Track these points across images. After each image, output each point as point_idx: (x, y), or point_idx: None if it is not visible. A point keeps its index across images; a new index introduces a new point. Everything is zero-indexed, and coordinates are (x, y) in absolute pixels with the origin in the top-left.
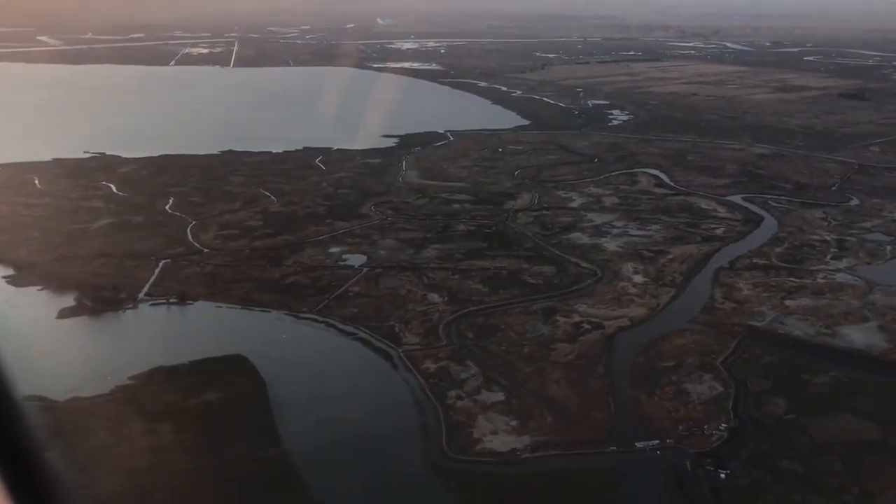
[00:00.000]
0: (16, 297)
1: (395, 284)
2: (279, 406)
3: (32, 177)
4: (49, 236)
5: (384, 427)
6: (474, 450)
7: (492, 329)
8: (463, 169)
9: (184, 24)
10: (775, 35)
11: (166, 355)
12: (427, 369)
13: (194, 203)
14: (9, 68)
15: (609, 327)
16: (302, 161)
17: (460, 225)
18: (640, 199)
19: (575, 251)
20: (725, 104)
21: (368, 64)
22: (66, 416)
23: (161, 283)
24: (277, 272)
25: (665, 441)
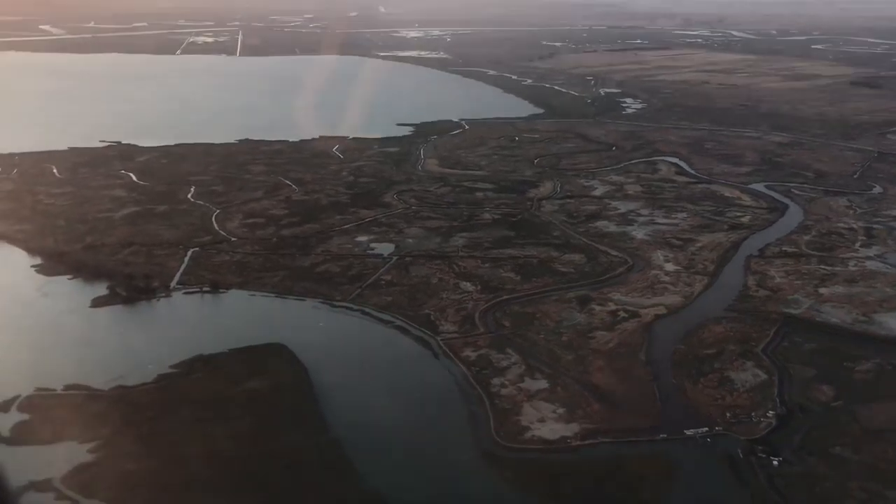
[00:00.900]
0: (46, 285)
1: (426, 273)
2: (324, 394)
3: (50, 166)
4: (74, 225)
5: (431, 415)
6: (524, 437)
7: (528, 317)
8: (482, 157)
9: (186, 13)
10: (781, 23)
11: (205, 343)
12: (468, 357)
13: (216, 192)
14: (16, 57)
15: (646, 315)
16: (319, 150)
17: (485, 213)
18: (662, 187)
19: (603, 239)
20: (738, 92)
21: (375, 52)
22: (114, 405)
23: (192, 271)
24: (307, 261)
25: (714, 428)
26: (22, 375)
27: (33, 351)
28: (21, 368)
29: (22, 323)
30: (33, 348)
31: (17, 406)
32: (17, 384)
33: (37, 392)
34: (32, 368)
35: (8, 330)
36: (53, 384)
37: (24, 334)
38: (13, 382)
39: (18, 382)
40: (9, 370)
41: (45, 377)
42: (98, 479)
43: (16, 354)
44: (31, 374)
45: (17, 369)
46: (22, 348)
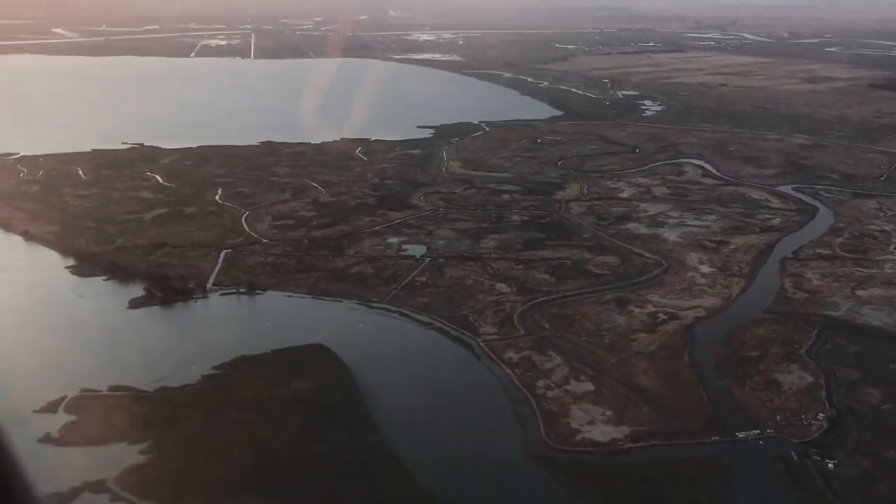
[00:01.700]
0: (82, 286)
1: (461, 274)
2: (369, 395)
3: (75, 167)
4: (104, 226)
5: (478, 416)
6: (574, 440)
7: (567, 319)
8: (505, 159)
9: (196, 16)
10: (792, 26)
11: (246, 344)
12: (510, 359)
13: (244, 194)
14: (33, 60)
15: (685, 317)
16: (342, 152)
17: (514, 215)
18: (690, 189)
19: (635, 241)
20: (756, 95)
21: (389, 55)
22: (159, 405)
23: (226, 272)
24: (341, 262)
25: (765, 431)
26: (66, 376)
27: (75, 352)
28: (65, 369)
29: (61, 324)
30: (75, 349)
31: (63, 407)
32: (63, 385)
33: (82, 393)
34: (76, 369)
35: (48, 331)
36: (98, 385)
37: (64, 335)
38: (58, 383)
39: (63, 383)
40: (53, 371)
41: (90, 378)
42: (150, 480)
43: (58, 355)
44: (75, 375)
45: (61, 370)
46: (64, 349)
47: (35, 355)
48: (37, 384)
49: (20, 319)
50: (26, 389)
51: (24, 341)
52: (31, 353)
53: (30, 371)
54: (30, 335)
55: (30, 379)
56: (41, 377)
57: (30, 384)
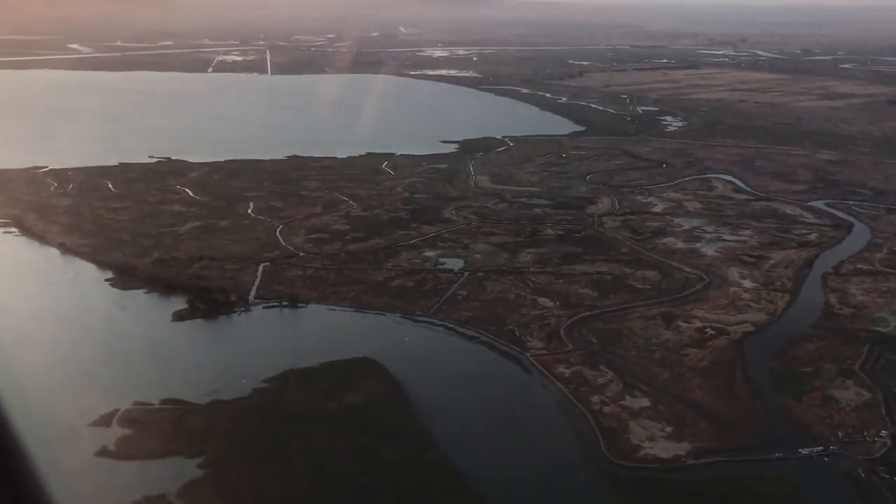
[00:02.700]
0: (123, 299)
1: (502, 288)
2: (423, 410)
3: (105, 181)
4: (139, 239)
5: (536, 432)
6: (636, 456)
7: (615, 334)
8: (533, 174)
9: (210, 32)
10: (803, 43)
11: (294, 358)
12: (562, 374)
13: (275, 207)
14: (52, 75)
15: (734, 333)
16: (369, 166)
17: (548, 229)
18: (722, 204)
19: (673, 256)
20: (775, 111)
21: (405, 71)
22: (213, 419)
23: (266, 285)
24: (380, 275)
25: (829, 448)
26: (117, 389)
27: (123, 364)
28: (114, 382)
29: (106, 337)
30: (122, 362)
31: (117, 420)
32: (113, 398)
33: (134, 406)
34: (125, 382)
35: (94, 343)
36: (149, 398)
37: (111, 348)
38: (109, 396)
39: (115, 396)
40: (103, 383)
41: (140, 391)
42: (211, 495)
43: (107, 368)
44: (126, 388)
45: (111, 383)
46: (111, 362)
47: (84, 368)
48: (88, 397)
49: (66, 332)
50: (78, 402)
51: (72, 354)
52: (80, 365)
53: (80, 383)
54: (77, 348)
55: (80, 391)
56: (92, 390)
57: (81, 397)
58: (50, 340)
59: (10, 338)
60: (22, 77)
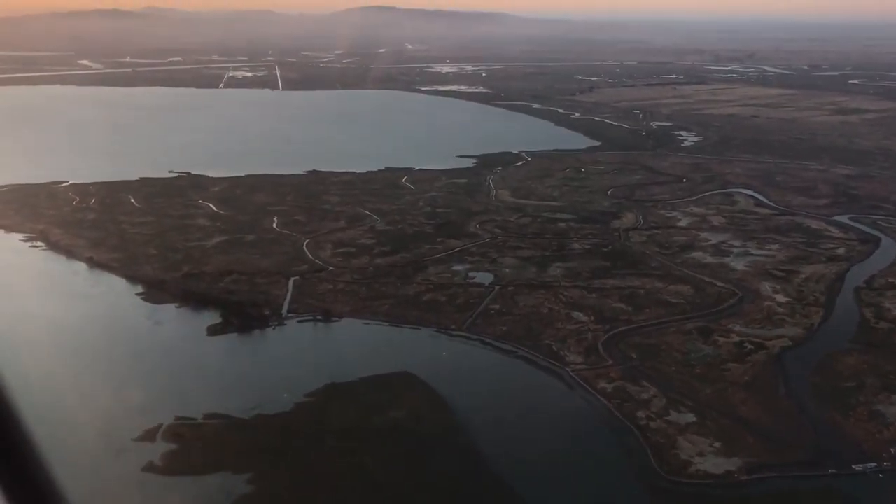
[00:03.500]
0: (156, 314)
1: (534, 302)
2: (467, 424)
3: (127, 195)
4: (167, 254)
5: (584, 447)
6: (687, 472)
7: (654, 349)
8: (553, 188)
9: (217, 49)
10: (810, 59)
11: (333, 372)
12: (604, 389)
13: (300, 222)
14: (64, 90)
15: (772, 347)
16: (389, 180)
17: (574, 244)
18: (746, 218)
19: (704, 270)
20: (789, 126)
21: (416, 87)
22: (258, 434)
23: (298, 299)
24: (410, 289)
25: (882, 464)
26: (158, 404)
27: (162, 379)
28: (155, 397)
29: (144, 351)
30: (161, 377)
31: (161, 435)
32: (156, 413)
33: (178, 421)
34: (166, 397)
35: (132, 358)
36: (192, 413)
37: (148, 363)
38: (151, 411)
39: (156, 411)
40: (144, 399)
41: (182, 406)
42: None
43: (146, 383)
44: (167, 403)
45: (152, 398)
46: (150, 377)
47: (123, 383)
48: (130, 412)
49: (103, 346)
50: (120, 418)
51: (111, 369)
52: (120, 380)
53: (120, 399)
54: (115, 363)
55: (122, 407)
56: (133, 405)
57: (123, 412)
58: (88, 355)
59: (49, 352)
60: (35, 93)
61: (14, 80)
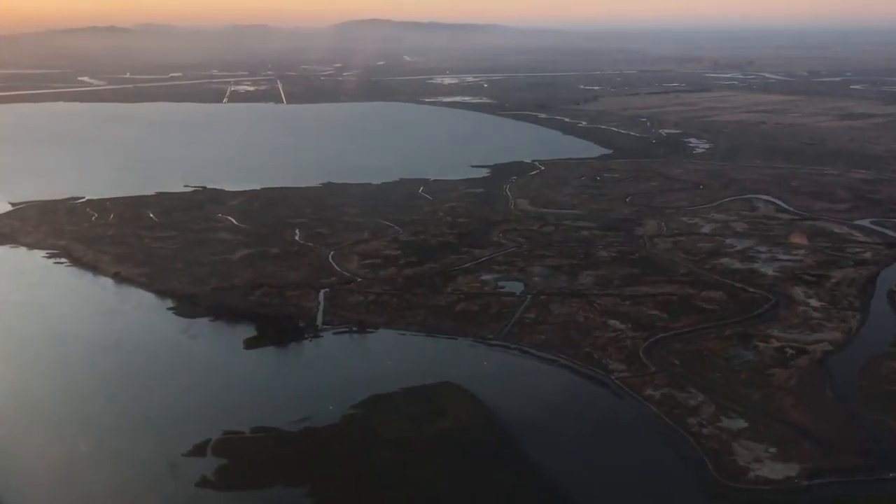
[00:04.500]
0: (191, 328)
1: (568, 311)
2: (518, 434)
3: (145, 210)
4: (193, 268)
5: (639, 455)
6: (747, 478)
7: (695, 355)
8: (571, 196)
9: (216, 64)
10: (809, 65)
11: (375, 383)
12: (651, 396)
13: (322, 234)
14: (68, 107)
15: (814, 352)
16: (406, 191)
17: (600, 251)
18: (769, 224)
19: (734, 276)
20: (798, 131)
21: (419, 98)
22: (309, 446)
23: (331, 311)
24: (442, 299)
25: None
26: (203, 418)
27: (205, 393)
28: (200, 411)
29: (183, 365)
30: (204, 391)
31: (211, 449)
32: (203, 427)
33: (226, 435)
34: (211, 411)
35: (173, 372)
36: (239, 426)
37: (189, 377)
38: (198, 425)
39: (203, 425)
40: (190, 413)
41: (228, 419)
42: None
43: (189, 397)
44: (212, 417)
45: (198, 412)
46: (193, 391)
47: (167, 397)
48: (177, 427)
49: (142, 362)
50: (168, 432)
51: (153, 384)
52: (163, 395)
53: (166, 413)
54: (156, 377)
55: (168, 422)
56: (179, 419)
57: (170, 427)
58: (129, 370)
59: (90, 368)
60: (38, 110)
61: (16, 98)
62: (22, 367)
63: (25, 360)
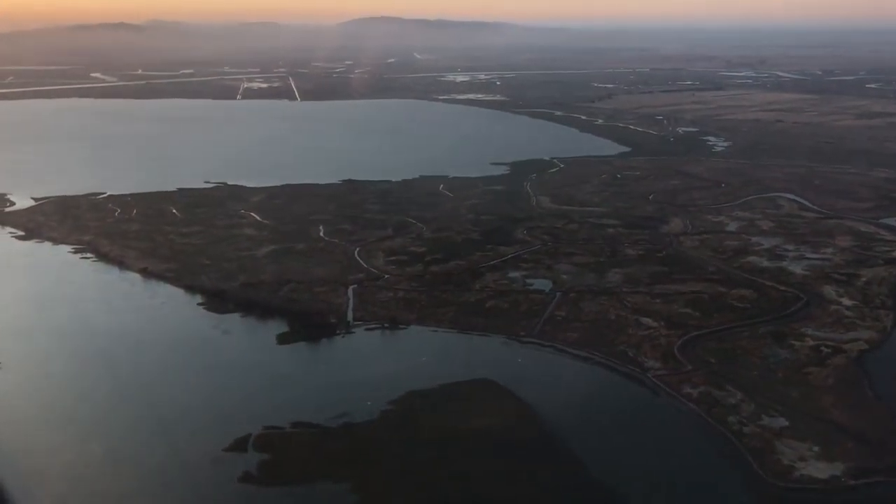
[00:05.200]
0: (222, 323)
1: (599, 308)
2: (560, 432)
3: (167, 206)
4: (220, 263)
5: (682, 453)
6: (792, 476)
7: (730, 353)
8: (592, 194)
9: (227, 60)
10: (822, 64)
11: (411, 379)
12: (689, 394)
13: (345, 230)
14: (82, 103)
15: (850, 350)
16: (426, 188)
17: (627, 249)
18: (794, 222)
19: (763, 274)
20: (815, 130)
21: (433, 96)
22: (350, 442)
23: (361, 307)
24: (471, 296)
25: None
26: (241, 413)
27: (241, 388)
28: (238, 406)
29: (218, 360)
30: (241, 386)
31: (252, 445)
32: (242, 422)
33: (266, 430)
34: (249, 406)
35: (208, 367)
36: (277, 422)
37: (224, 371)
38: (237, 421)
39: (241, 420)
40: (228, 408)
41: (265, 415)
42: None
43: (227, 392)
44: (251, 412)
45: (235, 407)
46: (229, 386)
47: (203, 392)
48: (215, 422)
49: (177, 357)
50: (207, 427)
51: (190, 378)
52: (199, 389)
53: (203, 408)
54: (193, 372)
55: (207, 416)
56: (217, 414)
57: (208, 422)
58: (164, 365)
59: (127, 364)
60: (54, 105)
61: (31, 94)
62: (60, 362)
63: (63, 356)
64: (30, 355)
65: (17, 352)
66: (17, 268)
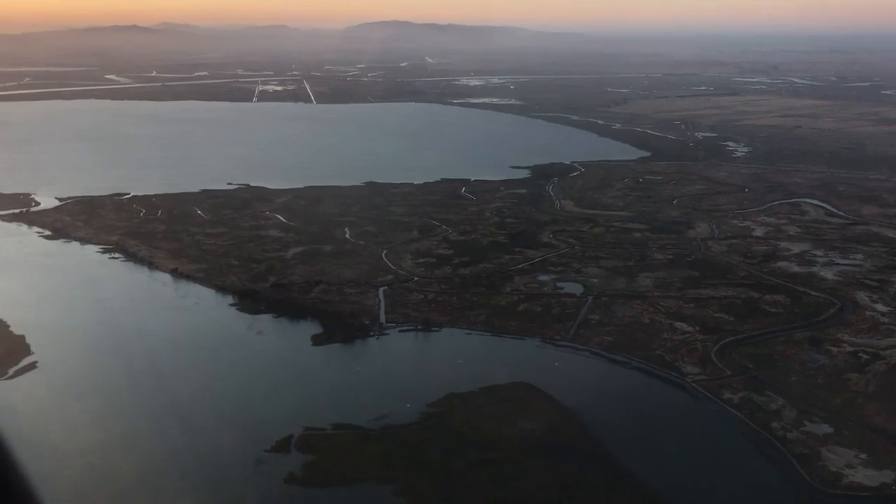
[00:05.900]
0: (255, 324)
1: (633, 313)
2: (604, 436)
3: (192, 207)
4: (249, 264)
5: (727, 458)
6: (842, 483)
7: (768, 358)
8: (616, 198)
9: (241, 63)
10: (836, 70)
11: (449, 382)
12: (730, 400)
13: (371, 232)
14: (99, 104)
15: (889, 357)
16: (449, 191)
17: (655, 254)
18: (821, 228)
19: (794, 280)
20: (835, 136)
21: (447, 99)
22: (391, 444)
23: (393, 309)
24: (502, 299)
25: None
26: (282, 414)
27: (280, 389)
28: (278, 407)
29: (254, 361)
30: (279, 387)
31: (294, 446)
32: (283, 424)
33: (307, 432)
34: (289, 407)
35: (245, 368)
36: (318, 423)
37: (261, 372)
38: (278, 422)
39: (282, 421)
40: (269, 409)
41: (307, 416)
42: None
43: (266, 393)
44: (291, 413)
45: (275, 408)
46: (268, 387)
47: (243, 393)
48: (257, 423)
49: (213, 358)
50: (248, 429)
51: (228, 379)
52: (239, 390)
53: (245, 409)
54: (230, 373)
55: (248, 417)
56: (258, 415)
57: (250, 423)
58: (201, 365)
59: (165, 365)
60: (71, 106)
61: (48, 95)
62: (96, 362)
63: (99, 356)
64: (67, 355)
65: (54, 352)
66: (47, 267)
